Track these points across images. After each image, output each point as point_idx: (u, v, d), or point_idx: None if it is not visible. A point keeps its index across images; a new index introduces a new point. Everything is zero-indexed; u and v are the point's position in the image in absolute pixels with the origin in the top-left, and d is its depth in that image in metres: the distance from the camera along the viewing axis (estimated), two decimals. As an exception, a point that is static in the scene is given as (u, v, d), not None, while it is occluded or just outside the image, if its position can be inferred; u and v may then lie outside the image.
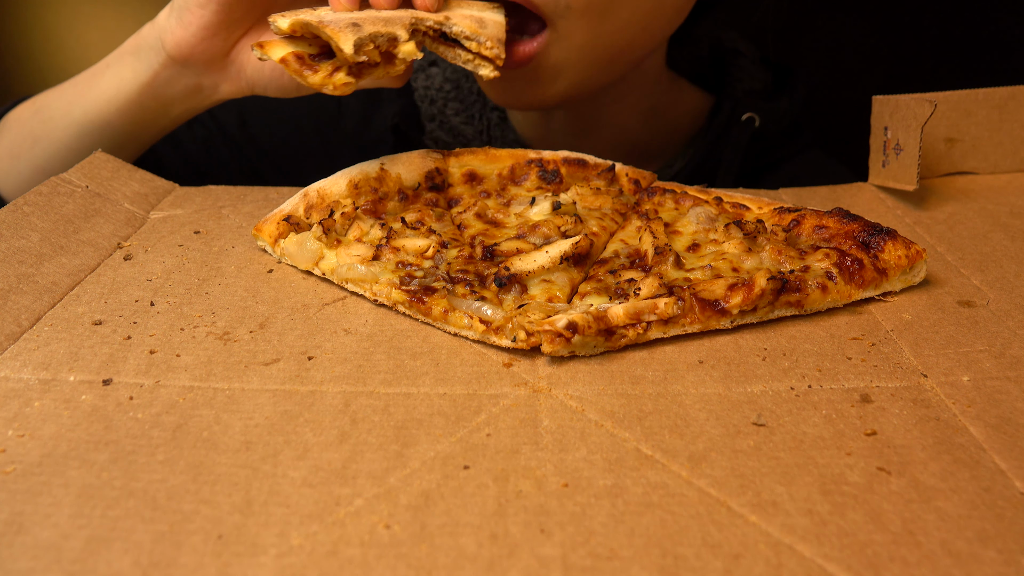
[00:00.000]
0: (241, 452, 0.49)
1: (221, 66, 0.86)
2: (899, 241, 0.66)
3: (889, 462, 0.48)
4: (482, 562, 0.42)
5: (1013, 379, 0.56)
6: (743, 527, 0.44)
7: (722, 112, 1.06)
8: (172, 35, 0.83)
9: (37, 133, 0.95)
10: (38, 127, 0.95)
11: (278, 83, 0.85)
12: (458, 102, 1.12)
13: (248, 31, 0.85)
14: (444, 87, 1.12)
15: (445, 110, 1.12)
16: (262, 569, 0.41)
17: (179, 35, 0.82)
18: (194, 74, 0.86)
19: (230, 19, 0.82)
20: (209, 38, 0.82)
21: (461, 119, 1.11)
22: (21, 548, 0.42)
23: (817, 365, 0.58)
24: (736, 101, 1.06)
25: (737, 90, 1.08)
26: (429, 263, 0.66)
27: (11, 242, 0.69)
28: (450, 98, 1.12)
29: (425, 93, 1.12)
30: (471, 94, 1.12)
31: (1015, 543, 0.43)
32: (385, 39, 0.71)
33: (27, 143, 0.95)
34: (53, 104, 0.94)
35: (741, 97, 1.07)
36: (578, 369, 0.58)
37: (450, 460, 0.48)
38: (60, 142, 0.93)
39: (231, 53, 0.85)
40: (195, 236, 0.76)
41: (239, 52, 0.85)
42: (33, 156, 0.95)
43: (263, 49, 0.73)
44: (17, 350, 0.58)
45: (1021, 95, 0.87)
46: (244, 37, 0.85)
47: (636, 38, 0.89)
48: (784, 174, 1.09)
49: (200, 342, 0.60)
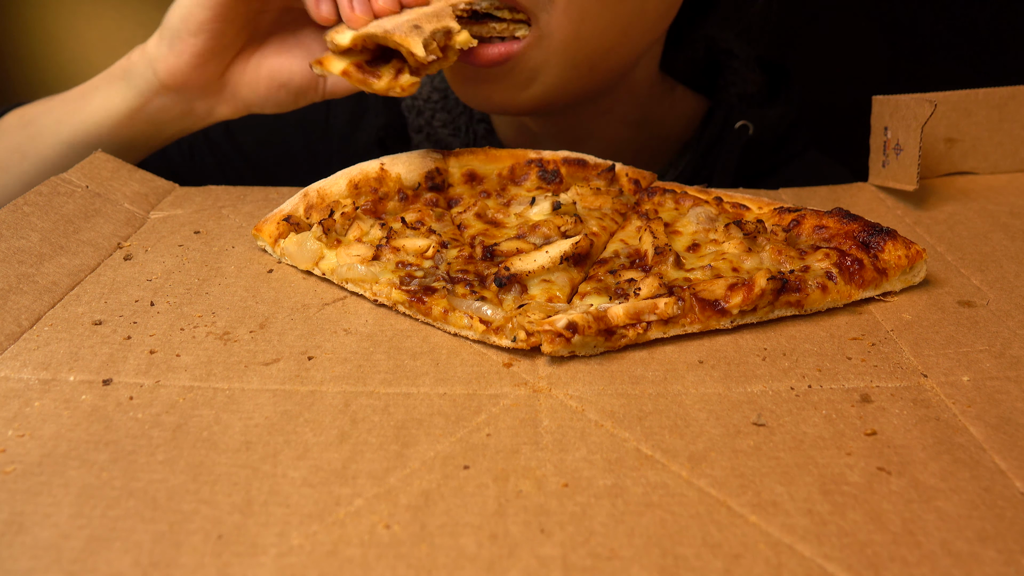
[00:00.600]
0: (241, 452, 0.49)
1: (215, 90, 0.85)
2: (899, 241, 0.66)
3: (889, 462, 0.48)
4: (482, 562, 0.42)
5: (1013, 379, 0.56)
6: (743, 527, 0.44)
7: (715, 120, 1.04)
8: (164, 63, 0.82)
9: (25, 148, 0.94)
10: (26, 142, 0.94)
11: (274, 100, 0.85)
12: (445, 112, 1.11)
13: (239, 53, 0.85)
14: (432, 97, 1.11)
15: (432, 121, 1.11)
16: (262, 569, 0.41)
17: (172, 63, 0.82)
18: (188, 99, 0.86)
19: (223, 45, 0.82)
20: (202, 65, 0.82)
21: (448, 131, 1.10)
22: (21, 548, 0.42)
23: (817, 365, 0.58)
24: (730, 107, 1.04)
25: (730, 94, 1.06)
26: (429, 263, 0.66)
27: (11, 242, 0.69)
28: (437, 108, 1.11)
29: (412, 104, 1.11)
30: (458, 105, 1.11)
31: (1015, 543, 0.43)
32: (442, 33, 0.74)
33: (15, 157, 0.95)
34: (41, 120, 0.94)
35: (735, 103, 1.05)
36: (578, 369, 0.58)
37: (450, 460, 0.48)
38: (48, 159, 0.92)
39: (224, 76, 0.85)
40: (195, 236, 0.76)
41: (232, 74, 0.85)
42: (22, 171, 0.94)
43: (323, 66, 0.76)
44: (17, 350, 0.58)
45: (1021, 95, 0.87)
46: (236, 59, 0.85)
47: (616, 43, 0.87)
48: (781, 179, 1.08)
49: (200, 342, 0.60)
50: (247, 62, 0.85)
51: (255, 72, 0.85)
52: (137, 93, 0.86)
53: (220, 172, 1.12)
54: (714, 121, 1.04)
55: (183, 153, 1.10)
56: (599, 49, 0.86)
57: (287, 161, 1.14)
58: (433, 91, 1.11)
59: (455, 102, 1.11)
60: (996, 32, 1.49)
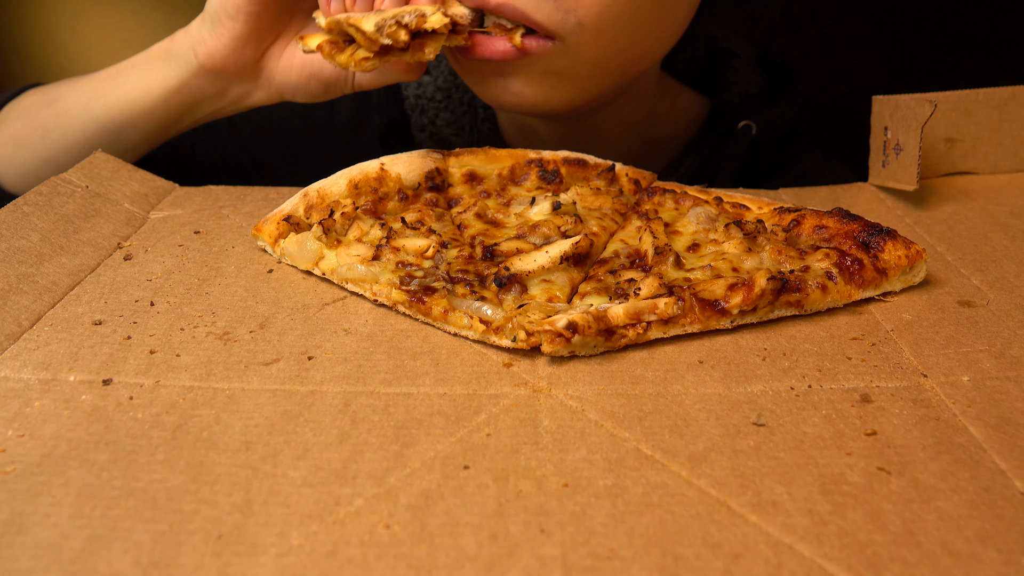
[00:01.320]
0: (241, 452, 0.49)
1: (252, 75, 0.88)
2: (899, 241, 0.66)
3: (889, 462, 0.48)
4: (482, 562, 0.42)
5: (1013, 379, 0.56)
6: (743, 527, 0.44)
7: (719, 120, 1.03)
8: (204, 45, 0.85)
9: (49, 125, 0.95)
10: (50, 119, 0.95)
11: (305, 89, 0.88)
12: (449, 112, 1.11)
13: (276, 40, 0.87)
14: (435, 96, 1.11)
15: (436, 120, 1.11)
16: (262, 569, 0.41)
17: (211, 45, 0.85)
18: (225, 82, 0.88)
19: (260, 29, 0.84)
20: (240, 48, 0.85)
21: (452, 130, 1.10)
22: (21, 548, 0.42)
23: (817, 365, 0.58)
24: (733, 107, 1.04)
25: (732, 94, 1.06)
26: (429, 263, 0.66)
27: (11, 242, 0.69)
28: (441, 108, 1.11)
29: (416, 102, 1.11)
30: (461, 104, 1.10)
31: (1015, 543, 0.43)
32: (413, 16, 0.75)
33: (36, 134, 0.96)
34: (69, 97, 0.95)
35: (737, 102, 1.04)
36: (578, 369, 0.58)
37: (450, 460, 0.48)
38: (74, 136, 0.94)
39: (261, 61, 0.88)
40: (195, 236, 0.76)
41: (268, 60, 0.88)
42: (43, 147, 0.95)
43: (303, 41, 0.79)
44: (17, 350, 0.58)
45: (1021, 95, 0.87)
46: (273, 46, 0.87)
47: (647, 51, 0.87)
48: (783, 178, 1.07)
49: (200, 342, 0.60)
50: (283, 49, 0.87)
51: (290, 60, 0.87)
52: (177, 73, 0.88)
53: (225, 169, 1.13)
54: (719, 121, 1.03)
55: (186, 149, 1.11)
56: (632, 57, 0.86)
57: (290, 159, 1.15)
58: (436, 91, 1.11)
59: (459, 102, 1.10)
60: (996, 32, 1.49)
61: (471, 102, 1.10)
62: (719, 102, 1.06)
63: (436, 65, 1.11)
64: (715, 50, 1.11)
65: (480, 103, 1.08)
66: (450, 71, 1.10)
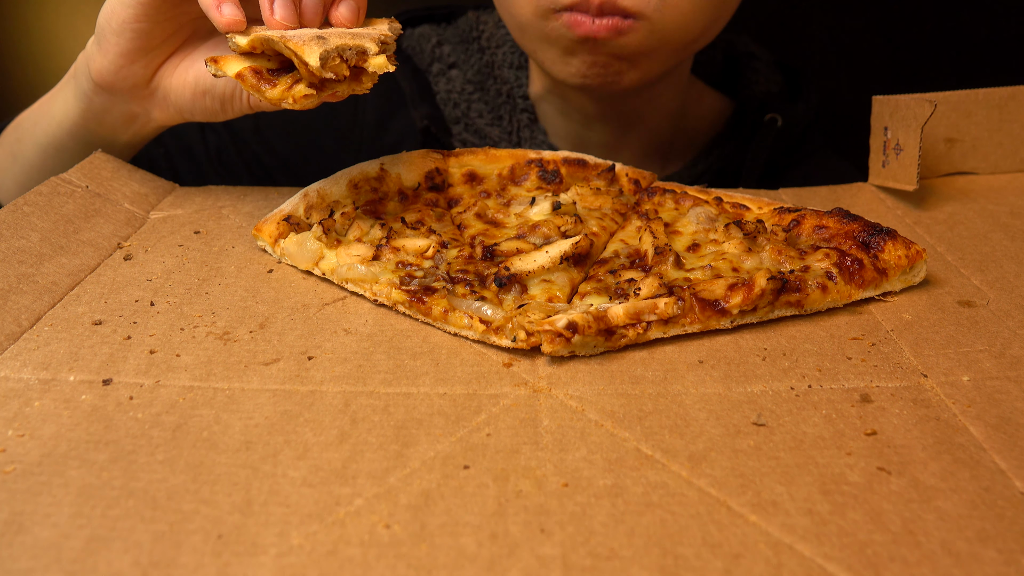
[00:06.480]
0: (241, 452, 0.49)
1: (145, 93, 0.83)
2: (899, 241, 0.66)
3: (889, 462, 0.48)
4: (482, 562, 0.42)
5: (1013, 379, 0.56)
6: (743, 527, 0.44)
7: (746, 113, 1.08)
8: (94, 62, 0.81)
9: (14, 150, 0.95)
10: (15, 144, 0.95)
11: (201, 107, 0.82)
12: (483, 103, 1.10)
13: (169, 57, 0.83)
14: (466, 88, 1.10)
15: (469, 112, 1.10)
16: (262, 569, 0.41)
17: (99, 62, 0.81)
18: (123, 101, 0.84)
19: (147, 46, 0.79)
20: (127, 65, 0.80)
21: (486, 120, 1.09)
22: (21, 548, 0.42)
23: (817, 365, 0.58)
24: (758, 103, 1.08)
25: (755, 92, 1.10)
26: (429, 263, 0.66)
27: (11, 242, 0.69)
28: (473, 100, 1.10)
29: (448, 96, 1.10)
30: (498, 95, 1.09)
31: (1015, 543, 0.43)
32: (354, 52, 0.67)
33: (8, 160, 0.96)
34: (24, 123, 0.94)
35: (761, 99, 1.09)
36: (578, 369, 0.58)
37: (450, 460, 0.48)
38: (29, 161, 0.93)
39: (153, 80, 0.83)
40: (195, 236, 0.76)
41: (162, 79, 0.83)
42: (14, 173, 0.95)
43: (217, 64, 0.69)
44: (17, 350, 0.58)
45: (1021, 95, 0.87)
46: (166, 63, 0.83)
47: (711, 28, 0.93)
48: (801, 174, 1.10)
49: (200, 342, 0.60)
50: (176, 66, 0.82)
51: (183, 77, 0.82)
52: (81, 92, 0.85)
53: (248, 172, 1.11)
54: (746, 114, 1.08)
55: (210, 154, 1.09)
56: (700, 36, 0.92)
57: (316, 159, 1.12)
58: (467, 83, 1.10)
59: (495, 92, 1.10)
60: (996, 32, 1.49)
61: (509, 92, 1.09)
62: (743, 98, 1.11)
63: (466, 59, 1.11)
64: (734, 53, 1.16)
65: (519, 92, 1.09)
66: (482, 63, 1.10)
